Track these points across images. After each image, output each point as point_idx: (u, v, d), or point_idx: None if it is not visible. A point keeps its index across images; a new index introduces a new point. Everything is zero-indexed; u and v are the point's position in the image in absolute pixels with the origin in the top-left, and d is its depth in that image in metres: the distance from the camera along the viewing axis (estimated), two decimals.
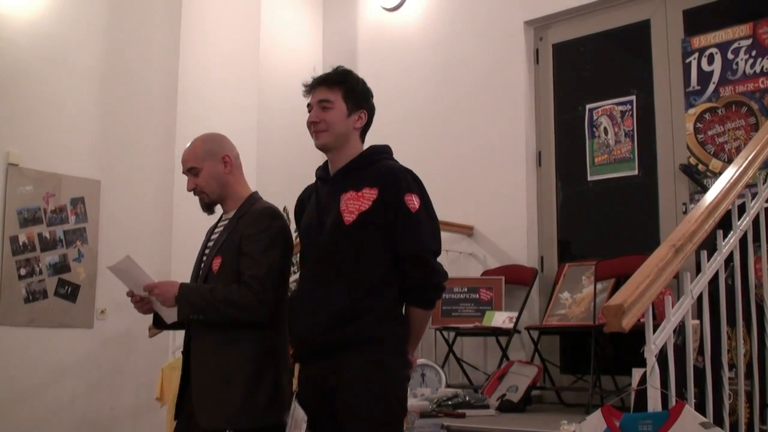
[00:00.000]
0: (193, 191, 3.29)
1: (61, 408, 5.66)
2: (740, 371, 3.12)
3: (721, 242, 3.04)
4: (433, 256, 2.82)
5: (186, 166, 3.32)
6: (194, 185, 3.28)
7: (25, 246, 5.63)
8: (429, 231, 2.83)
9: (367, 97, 3.05)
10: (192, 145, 3.39)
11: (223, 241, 3.16)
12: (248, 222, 3.19)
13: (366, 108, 3.02)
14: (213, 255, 3.15)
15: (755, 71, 4.99)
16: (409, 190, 2.84)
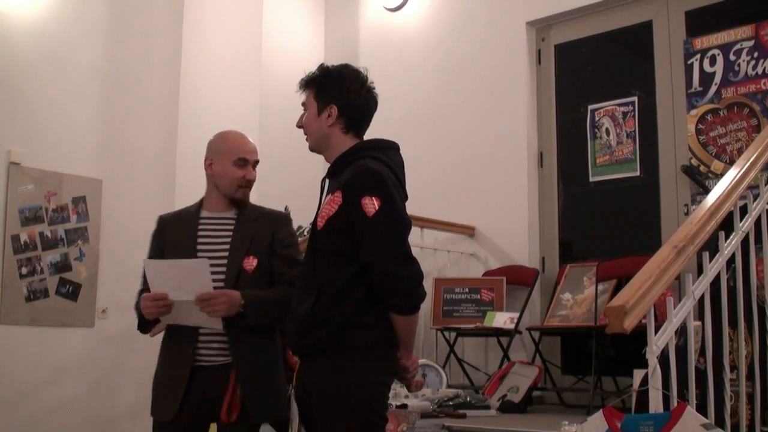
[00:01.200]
0: (248, 183, 3.27)
1: (61, 407, 5.65)
2: (742, 373, 3.12)
3: (723, 244, 3.04)
4: (393, 262, 2.61)
5: (256, 157, 3.33)
6: (254, 179, 3.30)
7: (26, 245, 5.63)
8: (388, 235, 2.61)
9: (339, 91, 2.84)
10: (249, 139, 3.42)
11: (250, 242, 3.17)
12: (275, 224, 3.27)
13: (336, 102, 2.82)
14: (243, 255, 3.15)
15: (757, 73, 4.99)
16: (366, 193, 2.62)
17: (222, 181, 3.25)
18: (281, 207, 6.19)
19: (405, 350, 2.74)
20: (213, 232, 3.23)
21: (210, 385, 3.07)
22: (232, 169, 3.24)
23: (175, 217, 3.33)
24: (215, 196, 3.28)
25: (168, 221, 3.32)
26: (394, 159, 2.80)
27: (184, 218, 3.28)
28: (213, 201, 3.29)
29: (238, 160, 3.25)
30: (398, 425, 4.02)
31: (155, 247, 3.27)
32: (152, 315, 3.05)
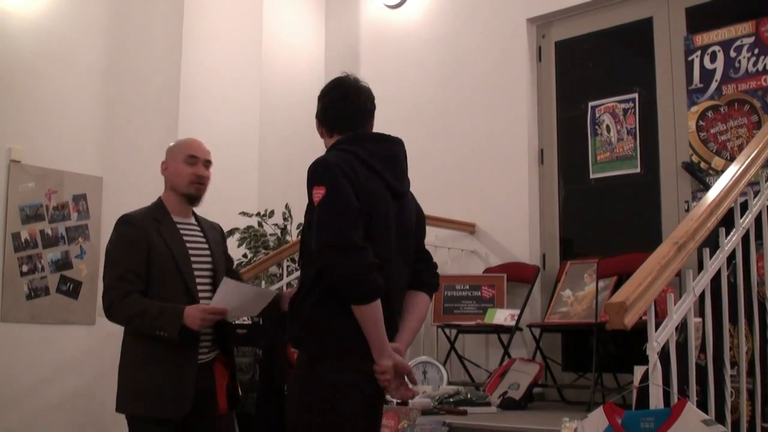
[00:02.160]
0: (199, 178, 3.38)
1: (62, 404, 5.66)
2: (742, 369, 3.12)
3: (724, 240, 3.04)
4: (332, 250, 2.55)
5: (207, 156, 3.46)
6: (205, 175, 3.42)
7: (27, 243, 5.63)
8: (327, 224, 2.57)
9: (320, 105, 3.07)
10: (203, 143, 3.52)
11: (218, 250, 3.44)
12: (222, 235, 3.58)
13: (319, 116, 3.08)
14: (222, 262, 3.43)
15: (758, 69, 4.99)
16: (314, 183, 2.69)
17: (176, 179, 3.38)
18: (282, 204, 6.21)
19: (373, 350, 2.59)
20: (192, 239, 3.36)
21: (201, 380, 3.21)
22: (183, 167, 3.36)
23: (150, 219, 3.32)
24: (175, 200, 3.39)
25: (146, 223, 3.29)
26: (372, 149, 2.80)
27: (161, 222, 3.31)
28: (173, 204, 3.39)
29: (188, 157, 3.38)
30: (399, 422, 4.02)
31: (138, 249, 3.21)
32: (198, 326, 3.10)
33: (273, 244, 6.02)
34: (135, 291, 3.14)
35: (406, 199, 2.85)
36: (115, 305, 3.16)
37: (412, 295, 2.85)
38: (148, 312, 3.11)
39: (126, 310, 3.14)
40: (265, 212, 6.13)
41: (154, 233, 3.24)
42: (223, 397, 3.24)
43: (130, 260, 3.19)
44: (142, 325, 3.14)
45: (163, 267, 3.20)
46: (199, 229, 3.42)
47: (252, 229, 6.05)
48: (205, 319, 3.08)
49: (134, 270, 3.17)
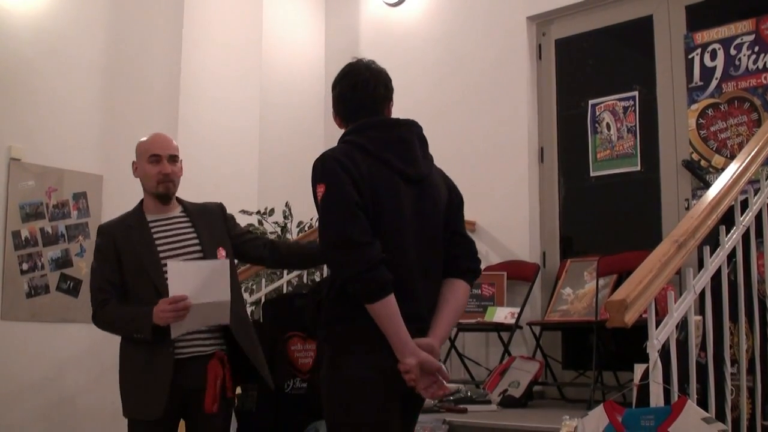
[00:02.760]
0: (165, 176, 3.38)
1: (62, 402, 5.66)
2: (742, 367, 3.12)
3: (724, 238, 3.04)
4: (333, 248, 2.55)
5: (169, 151, 3.43)
6: (171, 171, 3.39)
7: (27, 241, 5.63)
8: (328, 221, 2.59)
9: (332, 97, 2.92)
10: (166, 136, 3.53)
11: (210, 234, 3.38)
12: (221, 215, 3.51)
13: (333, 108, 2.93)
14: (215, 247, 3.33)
15: (758, 67, 4.98)
16: (316, 180, 2.70)
17: (144, 180, 3.44)
18: (282, 202, 6.21)
19: (394, 348, 2.50)
20: (170, 233, 3.36)
21: (189, 377, 3.18)
22: (148, 167, 3.40)
23: (120, 226, 3.39)
24: (149, 198, 3.45)
25: (114, 232, 3.36)
26: (376, 136, 2.74)
27: (132, 227, 3.36)
28: (150, 203, 3.44)
29: (151, 156, 3.40)
30: None
31: (109, 259, 3.29)
32: (168, 320, 3.09)
33: None
34: (112, 299, 3.24)
35: (426, 182, 2.74)
36: (97, 314, 3.29)
37: (449, 284, 2.73)
38: (123, 318, 3.22)
39: (104, 318, 3.27)
40: (265, 210, 6.13)
41: (123, 240, 3.31)
42: (210, 396, 3.18)
43: (103, 271, 3.30)
44: (120, 331, 3.28)
45: (133, 271, 3.26)
46: (185, 218, 3.40)
47: (252, 227, 6.05)
48: (166, 310, 3.06)
49: (108, 279, 3.27)
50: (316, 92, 7.21)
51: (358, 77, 2.84)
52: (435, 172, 2.83)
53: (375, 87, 2.84)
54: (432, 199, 2.74)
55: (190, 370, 3.20)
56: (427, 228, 2.71)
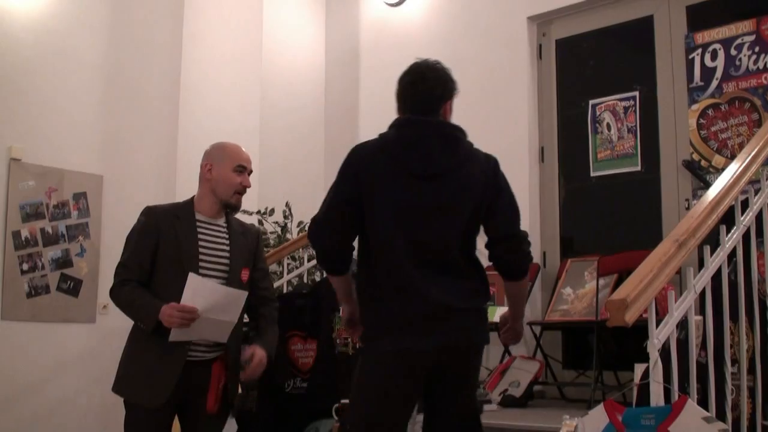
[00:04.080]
0: (244, 189, 3.48)
1: (63, 402, 5.66)
2: (743, 366, 3.13)
3: (724, 238, 3.04)
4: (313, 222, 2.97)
5: (251, 167, 3.53)
6: (249, 185, 3.52)
7: (27, 241, 5.63)
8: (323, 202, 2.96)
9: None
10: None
11: (241, 254, 3.43)
12: (256, 239, 3.55)
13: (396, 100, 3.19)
14: (242, 266, 3.41)
15: (758, 67, 4.98)
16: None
17: (220, 186, 3.41)
18: (282, 202, 6.21)
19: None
20: (211, 239, 3.39)
21: (195, 377, 3.26)
22: (231, 175, 3.42)
23: (168, 214, 3.40)
24: (210, 201, 3.43)
25: (161, 217, 3.38)
26: (399, 134, 2.97)
27: (181, 219, 3.37)
28: (207, 205, 3.43)
29: (238, 166, 3.43)
30: None
31: (147, 241, 3.33)
32: (174, 325, 3.15)
33: (273, 242, 6.03)
34: (133, 280, 3.28)
35: (445, 178, 2.88)
36: (114, 290, 3.33)
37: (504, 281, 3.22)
38: (135, 304, 3.26)
39: (120, 297, 3.30)
40: (265, 210, 6.13)
41: (167, 227, 3.33)
42: (212, 397, 3.27)
43: (136, 249, 3.33)
44: (129, 314, 3.31)
45: (167, 261, 3.29)
46: (225, 231, 3.44)
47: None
48: (174, 316, 3.13)
49: (138, 259, 3.30)
50: (317, 93, 7.21)
51: (416, 75, 3.16)
52: (469, 169, 2.97)
53: (432, 87, 3.14)
54: (449, 193, 2.88)
55: (194, 372, 3.27)
56: (439, 220, 2.86)
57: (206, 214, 3.41)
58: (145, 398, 3.22)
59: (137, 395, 3.25)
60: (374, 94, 6.87)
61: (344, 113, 7.09)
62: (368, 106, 6.92)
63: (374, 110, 6.84)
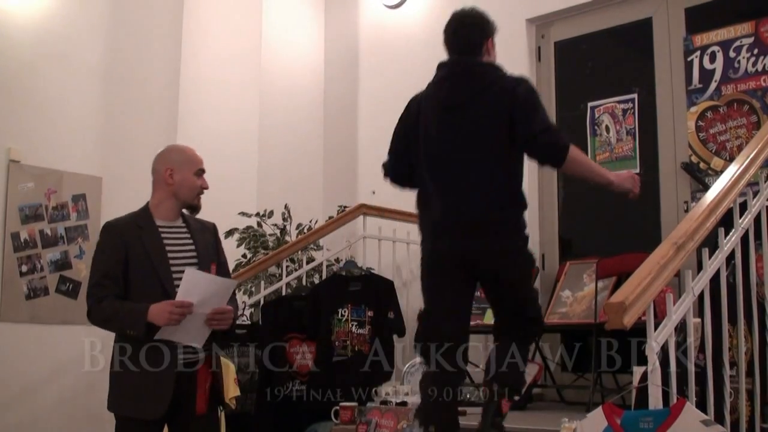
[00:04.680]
0: (203, 191, 3.51)
1: (62, 404, 5.66)
2: (741, 369, 3.12)
3: (723, 240, 3.04)
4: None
5: (203, 166, 3.53)
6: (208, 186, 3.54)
7: (26, 243, 5.63)
8: None
9: None
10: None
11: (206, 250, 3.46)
12: (214, 234, 3.59)
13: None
14: (209, 262, 3.43)
15: (757, 69, 4.99)
16: None
17: (183, 189, 3.44)
18: (281, 204, 6.21)
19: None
20: (176, 241, 3.41)
21: (183, 383, 3.26)
22: (193, 178, 3.45)
23: (130, 225, 3.40)
24: (169, 205, 3.44)
25: (124, 230, 3.38)
26: (436, 74, 3.65)
27: (143, 228, 3.38)
28: (166, 210, 3.44)
29: (199, 170, 3.48)
30: (398, 422, 4.02)
31: (116, 256, 3.31)
32: (167, 322, 3.15)
33: (272, 244, 6.02)
34: (110, 295, 3.26)
35: (467, 106, 3.46)
36: (93, 310, 3.29)
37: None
38: (118, 314, 3.24)
39: (101, 313, 3.27)
40: (264, 212, 6.13)
41: (133, 239, 3.33)
42: (202, 398, 3.31)
43: (106, 266, 3.30)
44: (115, 327, 3.30)
45: (141, 271, 3.29)
46: (186, 231, 3.46)
47: (251, 229, 6.05)
48: (173, 312, 3.14)
49: (110, 275, 3.28)
50: (316, 94, 7.21)
51: (457, 23, 3.70)
52: (492, 94, 3.44)
53: (470, 30, 3.67)
54: (472, 119, 3.44)
55: (182, 378, 3.28)
56: (469, 140, 3.44)
57: (165, 218, 3.42)
58: (146, 412, 3.23)
59: (136, 410, 3.25)
60: (373, 96, 6.87)
61: (343, 115, 7.08)
62: (367, 108, 6.92)
63: (373, 111, 6.84)
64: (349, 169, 6.90)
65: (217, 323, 3.28)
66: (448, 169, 3.45)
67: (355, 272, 5.01)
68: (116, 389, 3.33)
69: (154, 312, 3.15)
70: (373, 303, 4.88)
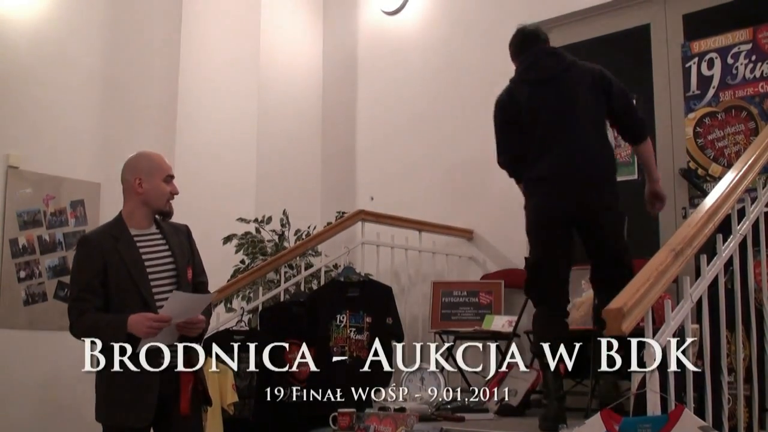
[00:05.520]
0: (173, 196, 3.54)
1: (60, 410, 5.65)
2: (739, 375, 3.12)
3: (721, 246, 3.04)
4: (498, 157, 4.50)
5: (172, 172, 3.56)
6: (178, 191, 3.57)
7: (24, 248, 5.63)
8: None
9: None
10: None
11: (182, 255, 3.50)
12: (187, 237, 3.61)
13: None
14: (185, 267, 3.47)
15: (755, 76, 4.99)
16: None
17: (155, 197, 3.47)
18: (280, 210, 6.21)
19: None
20: (152, 249, 3.45)
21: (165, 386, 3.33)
22: (162, 185, 3.48)
23: (106, 236, 3.43)
24: (142, 213, 3.47)
25: (100, 242, 3.41)
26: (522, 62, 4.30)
27: (119, 239, 3.41)
28: (139, 218, 3.47)
29: (167, 176, 3.50)
30: (396, 428, 4.02)
31: (95, 268, 3.34)
32: (146, 335, 3.22)
33: (270, 250, 6.02)
34: (91, 309, 3.30)
35: (555, 80, 4.08)
36: (74, 324, 3.33)
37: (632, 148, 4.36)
38: (99, 325, 3.29)
39: (81, 326, 3.31)
40: (262, 218, 6.12)
41: (110, 250, 3.36)
42: (186, 399, 3.35)
43: (85, 280, 3.34)
44: (96, 336, 3.34)
45: (119, 282, 3.33)
46: (161, 237, 3.49)
47: (249, 235, 6.05)
48: (151, 327, 3.19)
49: (89, 288, 3.31)
50: (314, 100, 7.22)
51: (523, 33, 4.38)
52: (575, 72, 4.11)
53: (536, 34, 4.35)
54: (562, 90, 4.05)
55: (164, 381, 3.33)
56: (559, 110, 4.00)
57: (139, 227, 3.45)
58: (132, 420, 3.30)
59: (125, 418, 3.32)
60: (372, 101, 6.88)
61: (342, 121, 7.09)
62: (366, 113, 6.92)
63: (371, 117, 6.84)
64: (347, 175, 6.91)
65: (188, 331, 3.33)
66: (561, 132, 3.98)
67: (353, 278, 5.01)
68: (102, 399, 3.42)
69: (133, 323, 3.20)
70: (371, 309, 4.88)
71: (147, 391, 3.28)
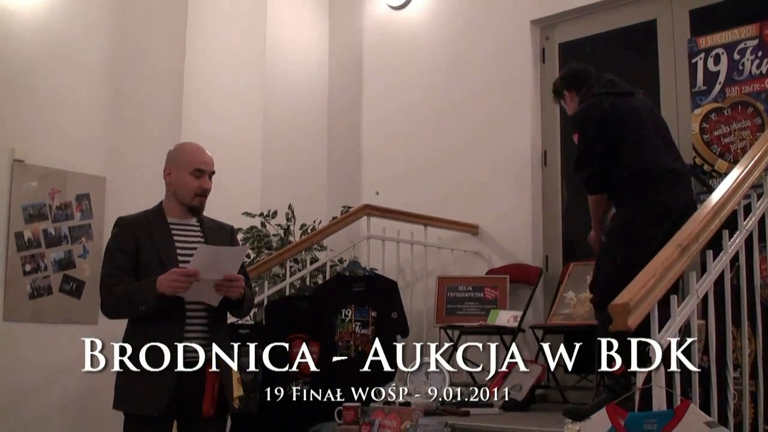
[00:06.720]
0: (204, 192, 3.51)
1: (65, 404, 5.67)
2: (745, 371, 3.13)
3: (727, 242, 3.04)
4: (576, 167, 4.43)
5: (212, 168, 3.55)
6: (210, 188, 3.55)
7: (30, 242, 5.64)
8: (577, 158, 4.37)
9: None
10: (207, 152, 3.61)
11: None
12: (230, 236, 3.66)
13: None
14: None
15: (761, 71, 4.97)
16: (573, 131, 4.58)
17: (179, 190, 3.47)
18: (285, 204, 6.21)
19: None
20: (186, 237, 3.47)
21: (190, 382, 3.31)
22: (188, 179, 3.46)
23: (141, 221, 3.47)
24: (174, 204, 3.50)
25: (135, 224, 3.45)
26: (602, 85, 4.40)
27: (153, 224, 3.45)
28: (173, 208, 3.50)
29: (195, 170, 3.47)
30: (401, 423, 4.03)
31: (127, 248, 3.38)
32: (176, 290, 3.22)
33: (276, 244, 6.03)
34: (121, 284, 3.33)
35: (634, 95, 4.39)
36: (104, 299, 3.38)
37: None
38: (128, 292, 3.30)
39: (112, 299, 3.35)
40: (268, 213, 6.13)
41: (143, 234, 3.40)
42: (208, 400, 3.33)
43: (116, 260, 3.37)
44: (127, 307, 3.34)
45: (149, 265, 3.35)
46: (199, 230, 3.51)
47: (255, 229, 6.06)
48: (178, 281, 3.19)
49: (121, 267, 3.35)
50: (320, 96, 7.21)
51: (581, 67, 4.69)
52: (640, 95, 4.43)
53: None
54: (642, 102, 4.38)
55: (189, 377, 3.31)
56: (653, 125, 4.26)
57: (176, 216, 3.49)
58: (148, 408, 3.28)
59: (137, 406, 3.32)
60: (378, 97, 6.88)
61: (347, 115, 7.09)
62: (371, 110, 6.92)
63: (377, 112, 6.84)
64: (352, 170, 6.91)
65: (226, 290, 3.31)
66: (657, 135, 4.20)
67: (358, 273, 5.01)
68: (120, 388, 3.40)
69: (162, 280, 3.21)
70: (376, 303, 4.88)
71: (162, 380, 3.27)
